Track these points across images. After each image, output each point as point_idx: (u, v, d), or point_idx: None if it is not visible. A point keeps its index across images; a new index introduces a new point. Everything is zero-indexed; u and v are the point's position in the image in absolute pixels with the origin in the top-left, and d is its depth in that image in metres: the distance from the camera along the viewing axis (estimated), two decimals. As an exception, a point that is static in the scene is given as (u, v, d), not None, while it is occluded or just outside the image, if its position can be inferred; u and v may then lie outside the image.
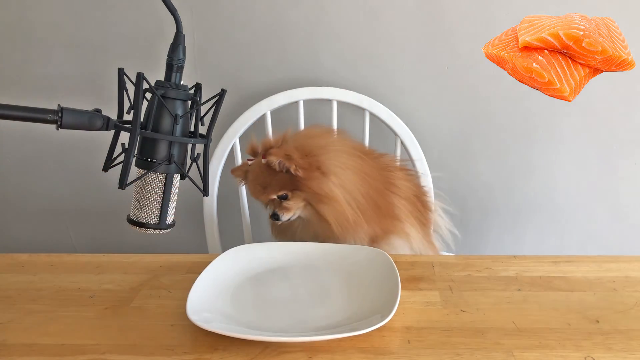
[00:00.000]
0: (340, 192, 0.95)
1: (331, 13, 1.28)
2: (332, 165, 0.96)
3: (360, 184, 0.97)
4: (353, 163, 0.98)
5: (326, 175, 0.95)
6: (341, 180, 0.95)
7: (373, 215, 0.98)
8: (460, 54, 1.29)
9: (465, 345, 0.65)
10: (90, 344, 0.66)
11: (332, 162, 0.96)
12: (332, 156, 0.97)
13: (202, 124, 0.66)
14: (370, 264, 0.83)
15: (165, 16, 0.62)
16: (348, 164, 0.98)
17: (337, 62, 1.31)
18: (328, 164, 0.95)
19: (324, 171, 0.95)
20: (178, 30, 0.62)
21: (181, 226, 0.87)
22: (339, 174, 0.96)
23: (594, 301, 0.75)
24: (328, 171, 0.95)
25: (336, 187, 0.95)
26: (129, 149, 0.60)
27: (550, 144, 1.35)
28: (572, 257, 0.88)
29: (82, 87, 1.35)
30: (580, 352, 0.63)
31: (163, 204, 0.63)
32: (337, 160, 0.97)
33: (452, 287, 0.79)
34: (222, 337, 0.65)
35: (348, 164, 0.98)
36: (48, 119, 0.55)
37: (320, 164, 0.95)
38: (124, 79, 0.61)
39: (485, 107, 1.33)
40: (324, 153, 0.97)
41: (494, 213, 1.42)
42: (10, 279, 0.84)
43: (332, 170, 0.95)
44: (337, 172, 0.95)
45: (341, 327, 0.68)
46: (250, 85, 1.33)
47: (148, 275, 0.84)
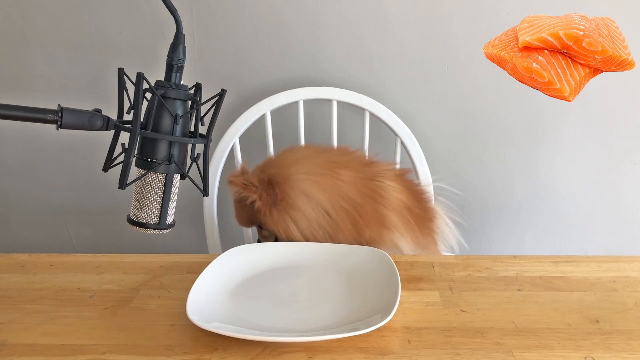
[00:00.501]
0: (297, 228, 0.95)
1: (331, 13, 1.28)
2: (294, 196, 0.94)
3: (332, 200, 0.95)
4: (316, 185, 0.95)
5: (285, 210, 0.94)
6: (302, 210, 0.94)
7: (351, 227, 0.96)
8: (460, 54, 1.29)
9: (465, 345, 0.65)
10: (90, 344, 0.66)
11: (293, 192, 0.95)
12: (293, 186, 0.95)
13: (202, 124, 0.66)
14: (370, 264, 0.83)
15: (165, 16, 0.62)
16: (311, 189, 0.95)
17: (337, 62, 1.31)
18: (291, 194, 0.94)
19: (285, 204, 0.94)
20: (178, 30, 0.62)
21: (181, 226, 0.87)
22: (299, 204, 0.94)
23: (594, 301, 0.75)
24: (288, 205, 0.94)
25: (293, 222, 0.95)
26: (129, 149, 0.60)
27: (550, 144, 1.35)
28: (572, 257, 0.88)
29: (82, 87, 1.35)
30: (580, 352, 0.63)
31: (163, 204, 0.63)
32: (299, 189, 0.95)
33: (452, 287, 0.79)
34: (222, 337, 0.65)
35: (311, 190, 0.95)
36: (48, 119, 0.56)
37: (282, 194, 0.94)
38: (124, 79, 0.61)
39: (485, 107, 1.33)
40: (286, 184, 0.95)
41: (494, 213, 1.42)
42: (10, 279, 0.84)
43: (291, 203, 0.94)
44: (298, 202, 0.94)
45: (341, 327, 0.68)
46: (250, 85, 1.33)
47: (148, 275, 0.84)
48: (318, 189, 0.95)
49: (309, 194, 0.95)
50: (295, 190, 0.95)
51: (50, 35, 1.32)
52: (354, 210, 0.96)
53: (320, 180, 0.96)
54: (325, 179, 0.96)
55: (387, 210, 1.00)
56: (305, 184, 0.95)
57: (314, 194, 0.95)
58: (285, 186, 0.95)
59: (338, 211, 0.95)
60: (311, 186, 0.95)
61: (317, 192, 0.95)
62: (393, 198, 1.01)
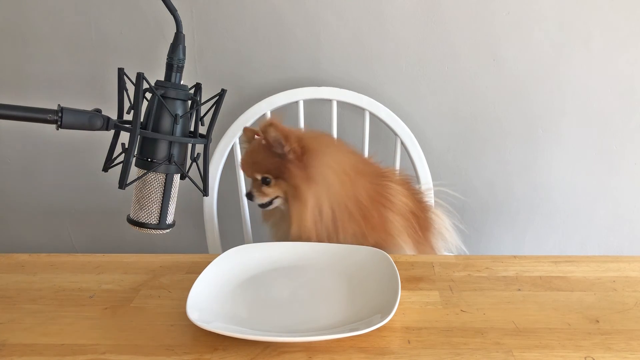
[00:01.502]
0: (311, 201, 0.94)
1: (331, 13, 1.28)
2: (317, 171, 0.95)
3: (335, 198, 0.95)
4: (336, 177, 0.96)
5: (309, 179, 0.94)
6: (318, 187, 0.94)
7: (351, 232, 0.96)
8: (460, 54, 1.29)
9: (465, 345, 0.65)
10: (90, 344, 0.66)
11: (319, 168, 0.95)
12: (322, 163, 0.96)
13: (202, 124, 0.66)
14: (370, 264, 0.83)
15: (165, 16, 0.62)
16: (330, 177, 0.96)
17: (337, 62, 1.31)
18: (315, 171, 0.95)
19: (309, 175, 0.94)
20: (178, 30, 0.62)
21: (181, 226, 0.87)
22: (319, 183, 0.94)
23: (594, 301, 0.75)
24: (312, 177, 0.94)
25: (311, 194, 0.94)
26: (129, 149, 0.60)
27: (550, 144, 1.35)
28: (572, 257, 0.88)
29: (82, 87, 1.35)
30: (580, 352, 0.63)
31: (163, 204, 0.63)
32: (322, 168, 0.96)
33: (452, 287, 0.79)
34: (222, 337, 0.65)
35: (331, 177, 0.96)
36: (48, 119, 0.56)
37: (310, 165, 0.94)
38: (124, 79, 0.61)
39: (485, 107, 1.33)
40: (317, 156, 0.96)
41: (494, 213, 1.42)
42: (10, 279, 0.84)
43: (315, 179, 0.94)
44: (318, 180, 0.94)
45: (341, 327, 0.68)
46: (250, 85, 1.33)
47: (148, 275, 0.84)
48: (337, 182, 0.96)
49: (330, 182, 0.95)
50: (321, 171, 0.95)
51: (50, 35, 1.32)
52: (360, 215, 0.96)
53: (342, 177, 0.97)
54: (345, 178, 0.97)
55: (394, 214, 1.00)
56: (330, 172, 0.96)
57: (334, 186, 0.95)
58: (315, 161, 0.95)
59: (343, 211, 0.95)
60: (334, 178, 0.96)
61: (336, 185, 0.96)
62: (399, 202, 1.02)
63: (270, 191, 0.98)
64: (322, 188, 0.94)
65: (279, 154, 0.95)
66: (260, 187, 0.98)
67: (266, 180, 0.97)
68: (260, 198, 0.99)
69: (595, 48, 1.26)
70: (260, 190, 0.98)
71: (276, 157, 0.95)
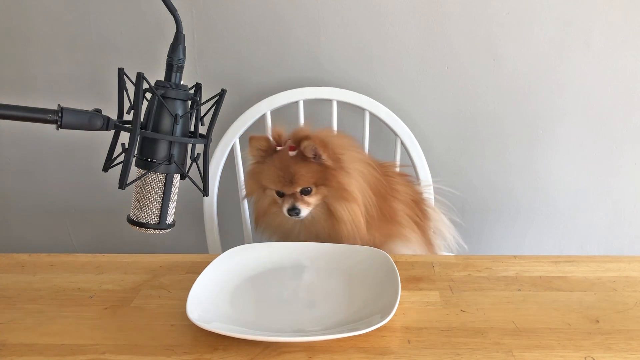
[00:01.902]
0: (360, 198, 0.95)
1: (331, 13, 1.28)
2: (351, 167, 0.96)
3: (369, 190, 0.97)
4: (365, 169, 0.99)
5: (350, 177, 0.95)
6: (359, 183, 0.96)
7: (376, 222, 0.98)
8: (460, 54, 1.29)
9: (465, 345, 0.65)
10: (90, 344, 0.66)
11: (351, 164, 0.97)
12: (351, 158, 0.97)
13: (202, 124, 0.66)
14: (370, 264, 0.83)
15: (165, 16, 0.62)
16: (362, 169, 0.98)
17: (337, 62, 1.31)
18: (349, 165, 0.96)
19: (349, 174, 0.95)
20: (178, 30, 0.62)
21: (181, 226, 0.87)
22: (357, 178, 0.96)
23: (594, 301, 0.75)
24: (351, 175, 0.96)
25: (358, 191, 0.95)
26: (129, 149, 0.60)
27: (550, 144, 1.35)
28: (572, 257, 0.88)
29: (82, 87, 1.35)
30: (580, 352, 0.63)
31: (163, 204, 0.63)
32: (354, 163, 0.97)
33: (452, 287, 0.79)
34: (222, 337, 0.65)
35: (362, 170, 0.98)
36: (48, 119, 0.56)
37: (345, 165, 0.96)
38: (124, 79, 0.61)
39: (485, 107, 1.33)
40: (346, 153, 0.97)
41: (494, 213, 1.42)
42: (10, 279, 0.84)
43: (354, 176, 0.96)
44: (355, 175, 0.96)
45: (341, 327, 0.68)
46: (250, 85, 1.33)
47: (148, 275, 0.84)
48: (368, 174, 0.98)
49: (364, 175, 0.98)
50: (355, 167, 0.97)
51: (50, 35, 1.32)
52: (382, 202, 0.99)
53: (369, 170, 0.99)
54: (371, 170, 1.00)
55: (401, 204, 1.03)
56: (362, 166, 0.99)
57: (367, 178, 0.98)
58: (348, 158, 0.97)
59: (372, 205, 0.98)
60: (365, 171, 0.99)
61: (368, 177, 0.98)
62: (404, 192, 1.04)
63: (313, 200, 0.97)
64: (361, 183, 0.96)
65: (317, 164, 0.95)
66: (302, 199, 0.96)
67: (307, 190, 0.96)
68: (306, 209, 0.97)
69: (595, 48, 1.26)
70: (304, 201, 0.96)
71: (315, 165, 0.95)
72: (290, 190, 0.96)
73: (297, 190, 0.96)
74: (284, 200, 0.97)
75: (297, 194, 0.96)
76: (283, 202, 0.97)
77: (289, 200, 0.97)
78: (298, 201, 0.96)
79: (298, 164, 0.95)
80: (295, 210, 0.96)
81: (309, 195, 0.96)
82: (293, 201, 0.96)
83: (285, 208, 0.97)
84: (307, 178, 0.95)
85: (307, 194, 0.96)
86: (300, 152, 0.94)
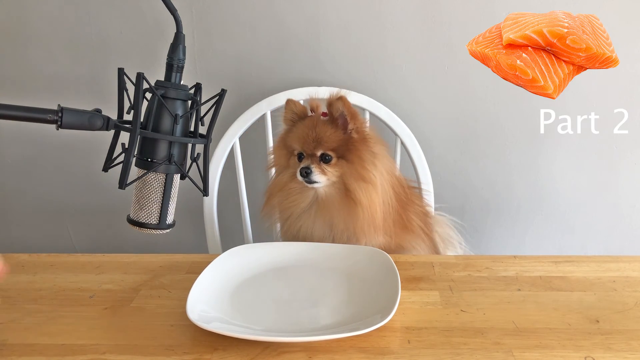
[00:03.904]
0: (379, 182, 0.94)
1: (331, 13, 1.28)
2: (379, 160, 0.96)
3: (391, 190, 0.97)
4: (390, 170, 0.98)
5: (374, 162, 0.94)
6: (381, 174, 0.95)
7: (391, 227, 0.97)
8: (460, 54, 1.29)
9: (465, 345, 0.65)
10: (90, 344, 0.66)
11: (379, 151, 0.96)
12: (380, 151, 0.97)
13: (202, 124, 0.66)
14: (370, 264, 0.83)
15: (165, 16, 0.62)
16: (387, 168, 0.98)
17: (337, 62, 1.31)
18: (378, 157, 0.96)
19: (374, 158, 0.95)
20: (178, 30, 0.62)
21: (181, 226, 0.87)
22: (380, 168, 0.95)
23: (594, 301, 0.75)
24: (376, 162, 0.95)
25: (379, 175, 0.94)
26: (129, 149, 0.60)
27: (550, 144, 1.35)
28: (572, 257, 0.88)
29: (82, 87, 1.35)
30: (580, 352, 0.63)
31: (163, 204, 0.63)
32: (381, 157, 0.97)
33: (452, 287, 0.79)
34: (222, 337, 0.65)
35: (386, 169, 0.97)
36: (48, 119, 0.56)
37: (373, 150, 0.95)
38: (124, 79, 0.61)
39: (485, 107, 1.33)
40: (378, 147, 0.97)
41: (494, 213, 1.42)
42: (10, 279, 0.83)
43: (378, 166, 0.95)
44: (379, 163, 0.95)
45: (341, 327, 0.68)
46: (250, 85, 1.33)
47: (148, 275, 0.84)
48: (390, 179, 0.98)
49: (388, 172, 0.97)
50: (383, 162, 0.97)
51: (50, 35, 1.32)
52: (401, 209, 0.98)
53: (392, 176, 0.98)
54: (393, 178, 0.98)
55: (415, 216, 1.02)
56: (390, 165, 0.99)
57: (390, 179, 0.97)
58: (378, 148, 0.96)
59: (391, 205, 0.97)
60: (390, 170, 0.98)
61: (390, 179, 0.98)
62: (417, 204, 1.05)
63: (330, 170, 0.94)
64: (384, 175, 0.95)
65: (343, 132, 0.94)
66: (319, 165, 0.94)
67: (326, 158, 0.94)
68: (320, 176, 0.93)
69: (595, 48, 1.26)
70: (320, 167, 0.94)
71: (342, 134, 0.94)
72: (311, 151, 0.94)
73: (318, 152, 0.94)
74: (301, 161, 0.95)
75: (317, 157, 0.94)
76: (300, 164, 0.95)
77: (306, 160, 0.95)
78: (314, 164, 0.94)
79: (326, 126, 0.94)
80: (307, 170, 0.93)
81: (328, 164, 0.94)
82: (310, 162, 0.94)
83: (300, 167, 0.94)
84: (331, 142, 0.93)
85: (326, 162, 0.94)
86: (331, 118, 0.94)
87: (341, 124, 0.94)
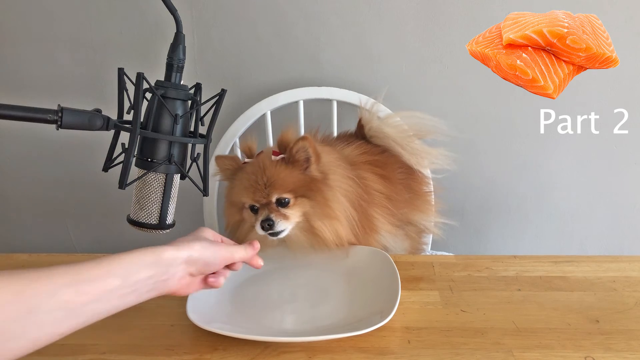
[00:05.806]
0: (345, 215, 0.87)
1: (331, 13, 1.28)
2: (337, 186, 0.88)
3: (351, 208, 0.89)
4: (348, 186, 0.90)
5: (333, 190, 0.87)
6: (343, 204, 0.88)
7: (358, 237, 0.90)
8: (460, 54, 1.29)
9: (465, 345, 0.65)
10: (90, 344, 0.66)
11: (338, 182, 0.88)
12: (339, 176, 0.89)
13: (202, 124, 0.66)
14: (370, 264, 0.83)
15: (165, 16, 0.62)
16: (347, 187, 0.90)
17: (337, 62, 1.31)
18: (336, 184, 0.88)
19: (331, 186, 0.87)
20: (178, 30, 0.62)
21: (181, 226, 0.87)
22: (341, 198, 0.88)
23: (594, 301, 0.75)
24: (333, 187, 0.88)
25: (341, 206, 0.87)
26: (129, 149, 0.60)
27: (550, 144, 1.35)
28: (572, 257, 0.88)
29: (82, 87, 1.35)
30: (580, 352, 0.63)
31: (163, 204, 0.63)
32: (340, 182, 0.89)
33: (452, 287, 0.79)
34: (222, 337, 0.65)
35: (347, 188, 0.89)
36: (48, 119, 0.56)
37: (330, 179, 0.88)
38: (124, 79, 0.61)
39: (486, 107, 1.33)
40: (336, 171, 0.89)
41: (494, 213, 1.42)
42: (10, 279, 0.83)
43: (337, 191, 0.88)
44: (340, 194, 0.88)
45: (341, 327, 0.68)
46: (250, 85, 1.33)
47: (148, 275, 0.84)
48: (349, 186, 0.90)
49: (346, 187, 0.89)
50: (338, 180, 0.89)
51: (50, 35, 1.32)
52: (355, 224, 0.90)
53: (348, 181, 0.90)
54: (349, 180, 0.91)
55: (373, 210, 0.93)
56: (344, 179, 0.89)
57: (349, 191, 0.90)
58: (329, 169, 0.88)
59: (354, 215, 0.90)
60: (346, 182, 0.90)
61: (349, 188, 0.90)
62: (374, 193, 0.94)
63: (292, 213, 0.84)
64: (344, 203, 0.87)
65: (302, 172, 0.85)
66: (278, 211, 0.84)
67: (283, 202, 0.84)
68: (283, 223, 0.84)
69: (595, 48, 1.26)
70: (281, 213, 0.84)
71: (299, 174, 0.85)
72: (265, 199, 0.84)
73: (272, 199, 0.84)
74: (257, 214, 0.85)
75: (273, 204, 0.84)
76: (257, 217, 0.85)
77: (263, 211, 0.84)
78: (273, 212, 0.83)
79: (277, 168, 0.85)
80: (269, 222, 0.82)
81: (287, 207, 0.84)
82: (268, 212, 0.83)
83: (259, 221, 0.83)
84: (287, 184, 0.84)
85: (284, 205, 0.84)
86: (283, 158, 0.85)
87: (301, 164, 0.85)
